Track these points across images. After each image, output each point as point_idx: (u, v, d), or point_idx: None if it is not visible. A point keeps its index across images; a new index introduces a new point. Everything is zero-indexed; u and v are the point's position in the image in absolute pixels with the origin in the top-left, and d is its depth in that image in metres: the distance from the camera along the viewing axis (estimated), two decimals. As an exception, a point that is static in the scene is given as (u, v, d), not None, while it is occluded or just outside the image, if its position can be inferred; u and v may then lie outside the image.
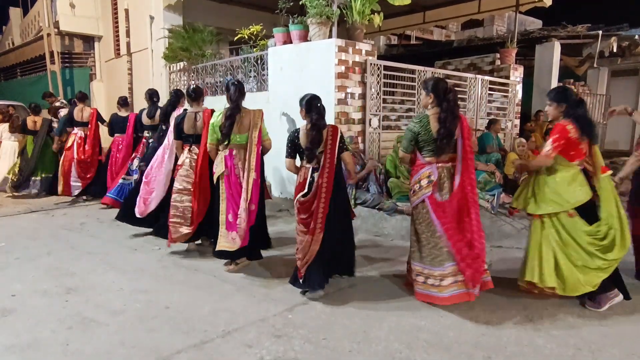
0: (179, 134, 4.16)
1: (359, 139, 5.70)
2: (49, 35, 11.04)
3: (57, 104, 8.79)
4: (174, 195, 4.14)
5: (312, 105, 3.37)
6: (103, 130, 6.98)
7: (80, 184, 6.68)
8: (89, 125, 6.71)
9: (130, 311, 3.00)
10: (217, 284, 3.51)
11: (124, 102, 6.50)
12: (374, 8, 5.47)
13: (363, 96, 5.73)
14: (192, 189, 4.08)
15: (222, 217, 3.72)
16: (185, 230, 4.09)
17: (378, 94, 5.86)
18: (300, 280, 3.28)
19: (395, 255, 4.17)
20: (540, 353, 2.51)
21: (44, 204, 6.43)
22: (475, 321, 2.88)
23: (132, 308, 3.05)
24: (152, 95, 5.91)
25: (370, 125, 5.82)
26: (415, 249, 3.21)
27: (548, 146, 3.10)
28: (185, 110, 4.40)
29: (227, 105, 3.74)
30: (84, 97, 6.92)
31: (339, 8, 5.41)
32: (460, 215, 3.10)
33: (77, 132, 6.71)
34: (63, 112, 7.53)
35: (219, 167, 3.77)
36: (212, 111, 4.02)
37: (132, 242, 4.61)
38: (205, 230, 4.21)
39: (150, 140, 5.70)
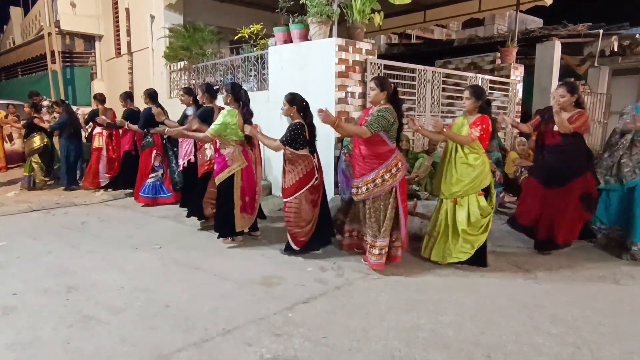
0: None
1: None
2: (49, 34, 11.05)
3: (45, 102, 8.85)
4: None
5: (308, 105, 3.90)
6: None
7: (108, 177, 7.25)
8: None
9: (131, 309, 3.01)
10: (217, 282, 3.52)
11: (131, 96, 6.81)
12: (374, 7, 5.47)
13: (363, 95, 5.72)
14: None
15: (238, 202, 4.27)
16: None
17: (378, 93, 5.85)
18: (296, 247, 4.00)
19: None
20: (540, 351, 2.52)
21: (45, 203, 6.45)
22: (474, 320, 2.88)
23: (133, 306, 3.06)
24: (153, 95, 6.07)
25: (370, 124, 5.81)
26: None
27: (478, 132, 3.68)
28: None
29: (232, 106, 4.23)
30: (104, 99, 7.37)
31: (339, 7, 5.41)
32: None
33: (103, 132, 7.14)
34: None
35: (239, 162, 4.20)
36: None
37: (132, 241, 4.62)
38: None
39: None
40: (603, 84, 11.56)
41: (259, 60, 6.59)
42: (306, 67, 5.69)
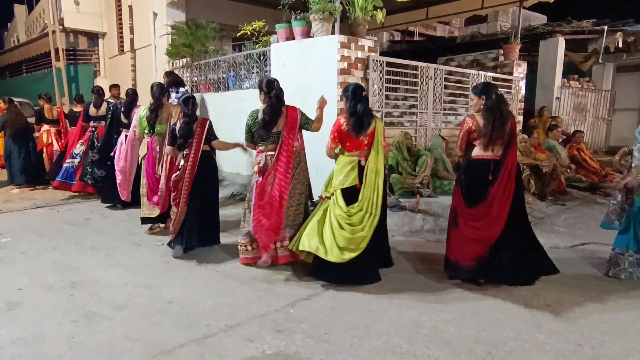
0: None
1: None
2: (53, 32, 11.08)
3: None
4: None
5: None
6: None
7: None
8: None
9: (134, 305, 3.04)
10: (219, 279, 3.54)
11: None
12: (377, 4, 5.45)
13: (365, 93, 5.72)
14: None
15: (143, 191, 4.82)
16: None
17: (381, 90, 5.85)
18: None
19: (397, 250, 4.18)
20: (541, 349, 2.52)
21: (49, 200, 6.49)
22: (475, 316, 2.89)
23: (136, 302, 3.09)
24: (99, 90, 6.60)
25: (372, 121, 5.81)
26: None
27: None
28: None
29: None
30: (50, 98, 7.82)
31: (342, 4, 5.40)
32: None
33: (51, 129, 7.53)
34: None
35: (142, 150, 4.85)
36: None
37: (135, 238, 4.64)
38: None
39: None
40: (607, 81, 11.50)
41: (261, 57, 6.59)
42: (308, 64, 5.69)
